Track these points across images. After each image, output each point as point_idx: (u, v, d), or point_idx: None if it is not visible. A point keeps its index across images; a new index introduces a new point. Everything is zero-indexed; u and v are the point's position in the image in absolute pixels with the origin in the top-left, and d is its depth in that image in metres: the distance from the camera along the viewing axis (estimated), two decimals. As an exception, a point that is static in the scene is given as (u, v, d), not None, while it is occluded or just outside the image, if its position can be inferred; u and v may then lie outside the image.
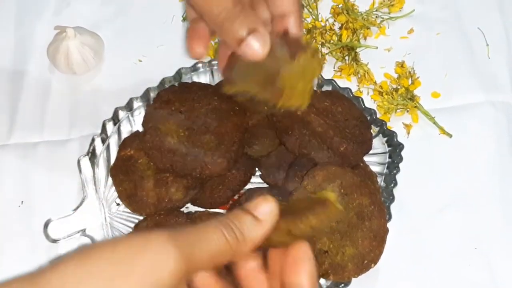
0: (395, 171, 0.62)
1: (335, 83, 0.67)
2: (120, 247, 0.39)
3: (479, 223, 0.65)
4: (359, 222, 0.57)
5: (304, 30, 0.74)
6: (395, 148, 0.64)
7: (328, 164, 0.59)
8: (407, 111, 0.70)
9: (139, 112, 0.67)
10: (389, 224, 0.59)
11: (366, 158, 0.64)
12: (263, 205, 0.42)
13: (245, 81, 0.50)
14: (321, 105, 0.63)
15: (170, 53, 0.74)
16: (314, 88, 0.53)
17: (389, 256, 0.58)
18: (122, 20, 0.77)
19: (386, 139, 0.65)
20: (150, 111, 0.64)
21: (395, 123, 0.69)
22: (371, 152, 0.64)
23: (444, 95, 0.72)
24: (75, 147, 0.69)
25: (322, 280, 0.59)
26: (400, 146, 0.64)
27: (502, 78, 0.73)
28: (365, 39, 0.75)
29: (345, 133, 0.62)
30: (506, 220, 0.65)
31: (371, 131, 0.65)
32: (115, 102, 0.67)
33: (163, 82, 0.67)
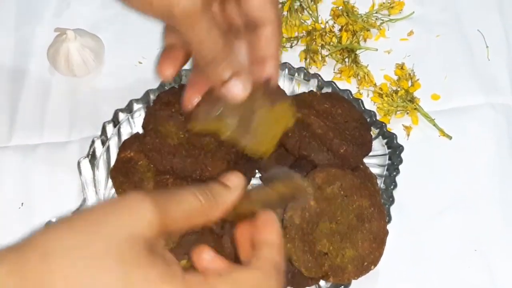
0: (395, 173, 0.63)
1: (335, 85, 0.67)
2: (97, 207, 0.43)
3: (479, 225, 0.65)
4: (359, 224, 0.57)
5: (304, 32, 0.75)
6: (395, 150, 0.64)
7: (328, 166, 0.59)
8: (407, 113, 0.70)
9: (139, 114, 0.67)
10: (389, 226, 0.59)
11: (366, 160, 0.64)
12: (233, 176, 0.47)
13: (217, 120, 0.52)
14: (321, 107, 0.63)
15: (170, 55, 0.75)
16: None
17: (389, 258, 0.58)
18: (122, 22, 0.77)
19: (386, 141, 0.65)
20: (150, 113, 0.64)
21: (395, 125, 0.70)
22: (371, 154, 0.64)
23: (444, 97, 0.72)
24: (75, 149, 0.69)
25: (322, 282, 0.59)
26: (400, 148, 0.64)
27: (502, 80, 0.73)
28: (365, 41, 0.75)
29: (345, 135, 0.62)
30: (506, 222, 0.65)
31: (371, 133, 0.65)
32: (115, 104, 0.67)
33: (163, 84, 0.67)
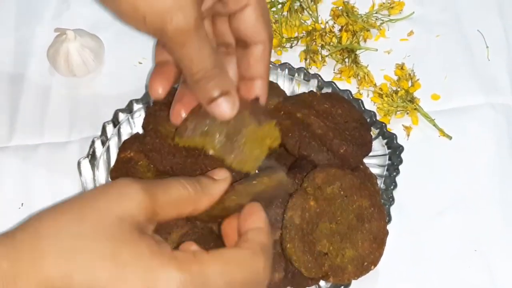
0: (395, 173, 0.62)
1: (335, 85, 0.67)
2: (88, 192, 0.45)
3: (479, 225, 0.65)
4: (359, 224, 0.57)
5: (304, 32, 0.75)
6: (395, 150, 0.64)
7: (328, 166, 0.59)
8: (407, 113, 0.70)
9: (139, 114, 0.67)
10: (389, 226, 0.59)
11: (366, 160, 0.64)
12: (219, 171, 0.50)
13: (203, 136, 0.53)
14: (321, 107, 0.63)
15: (170, 55, 0.75)
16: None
17: (389, 258, 0.58)
18: (122, 22, 0.77)
19: (386, 141, 0.65)
20: (150, 113, 0.63)
21: (395, 125, 0.70)
22: (371, 154, 0.64)
23: (444, 97, 0.72)
24: (75, 149, 0.69)
25: (322, 282, 0.59)
26: (400, 148, 0.64)
27: (502, 80, 0.73)
28: (365, 41, 0.75)
29: (345, 135, 0.62)
30: (506, 222, 0.65)
31: (371, 133, 0.65)
32: (115, 104, 0.67)
33: (163, 84, 0.67)
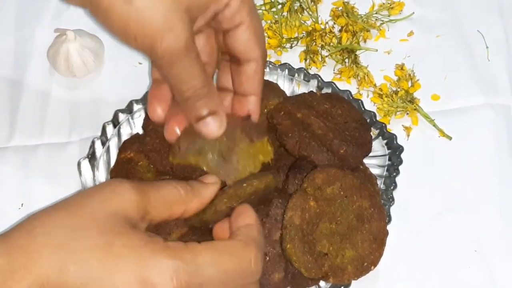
0: (394, 174, 0.62)
1: (335, 86, 0.67)
2: (81, 191, 0.46)
3: (479, 225, 0.65)
4: (359, 225, 0.57)
5: (303, 33, 0.75)
6: (394, 151, 0.64)
7: (328, 167, 0.59)
8: (407, 114, 0.70)
9: (139, 115, 0.67)
10: (389, 227, 0.59)
11: (366, 161, 0.64)
12: (209, 176, 0.51)
13: (197, 154, 0.54)
14: (321, 107, 0.63)
15: (170, 55, 0.75)
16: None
17: (389, 259, 0.58)
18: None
19: (385, 141, 0.65)
20: (150, 113, 0.64)
21: (395, 126, 0.70)
22: (371, 154, 0.64)
23: (443, 97, 0.72)
24: (75, 150, 0.69)
25: (322, 283, 0.59)
26: (400, 149, 0.64)
27: (502, 81, 0.73)
28: (365, 41, 0.75)
29: (345, 135, 0.61)
30: (506, 222, 0.65)
31: (371, 133, 0.65)
32: (115, 104, 0.67)
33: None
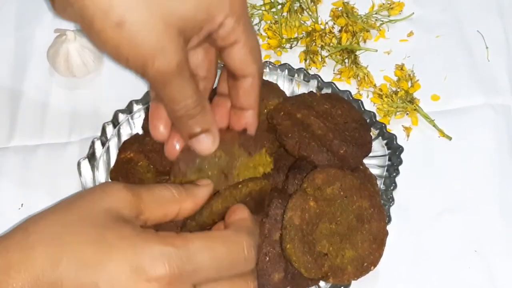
0: (394, 174, 0.62)
1: (334, 86, 0.67)
2: (75, 193, 0.47)
3: (479, 225, 0.65)
4: (359, 225, 0.57)
5: (303, 33, 0.75)
6: (394, 151, 0.64)
7: (327, 167, 0.59)
8: (407, 114, 0.70)
9: (139, 115, 0.67)
10: (388, 227, 0.59)
11: (366, 161, 0.64)
12: (202, 180, 0.52)
13: (197, 171, 0.55)
14: (320, 108, 0.63)
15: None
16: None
17: (388, 259, 0.58)
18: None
19: (385, 141, 0.65)
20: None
21: (395, 126, 0.70)
22: (370, 154, 0.64)
23: (443, 97, 0.72)
24: (75, 150, 0.69)
25: (322, 283, 0.59)
26: (400, 149, 0.64)
27: (502, 81, 0.73)
28: (364, 42, 0.75)
29: (344, 135, 0.62)
30: (506, 223, 0.65)
31: (371, 133, 0.65)
32: (115, 104, 0.67)
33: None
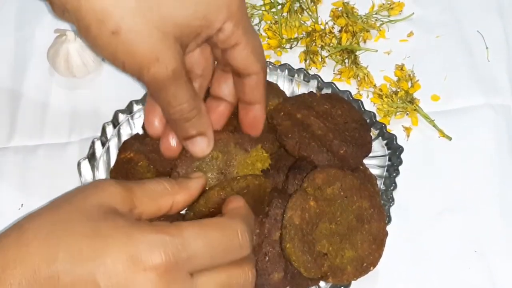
0: (394, 174, 0.62)
1: (334, 86, 0.67)
2: (68, 191, 0.47)
3: (479, 226, 0.65)
4: (359, 225, 0.57)
5: (303, 33, 0.75)
6: (394, 151, 0.64)
7: (327, 167, 0.59)
8: (407, 114, 0.70)
9: (139, 115, 0.67)
10: (388, 227, 0.59)
11: (366, 161, 0.64)
12: (194, 173, 0.53)
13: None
14: (320, 108, 0.63)
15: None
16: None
17: (388, 259, 0.58)
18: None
19: (385, 142, 0.65)
20: (150, 114, 0.64)
21: (395, 126, 0.70)
22: (370, 155, 0.64)
23: (443, 98, 0.72)
24: (75, 150, 0.69)
25: (322, 283, 0.59)
26: (400, 149, 0.64)
27: (502, 81, 0.73)
28: (364, 42, 0.75)
29: (344, 136, 0.62)
30: (506, 223, 0.65)
31: (371, 134, 0.65)
32: (115, 105, 0.67)
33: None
